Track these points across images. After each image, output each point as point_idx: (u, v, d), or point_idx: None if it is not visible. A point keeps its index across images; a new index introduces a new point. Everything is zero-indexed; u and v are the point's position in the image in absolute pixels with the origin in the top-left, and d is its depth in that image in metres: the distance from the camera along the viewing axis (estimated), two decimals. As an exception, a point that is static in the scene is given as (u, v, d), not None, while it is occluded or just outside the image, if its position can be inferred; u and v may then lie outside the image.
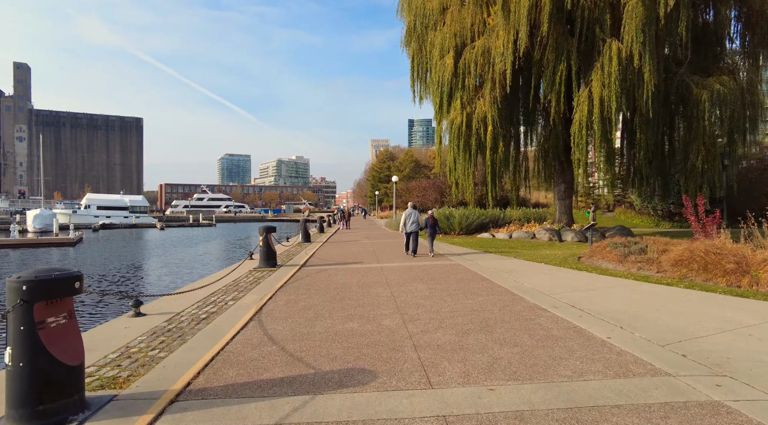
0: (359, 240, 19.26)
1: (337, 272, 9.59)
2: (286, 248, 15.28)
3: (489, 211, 23.16)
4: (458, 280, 8.32)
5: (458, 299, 6.57)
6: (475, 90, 16.57)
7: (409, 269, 9.86)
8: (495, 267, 9.94)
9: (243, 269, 10.31)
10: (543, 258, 11.52)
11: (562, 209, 20.73)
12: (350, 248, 15.30)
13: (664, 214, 28.29)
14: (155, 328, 5.29)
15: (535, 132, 19.45)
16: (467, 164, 16.86)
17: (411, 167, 67.95)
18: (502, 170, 17.27)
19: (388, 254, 13.37)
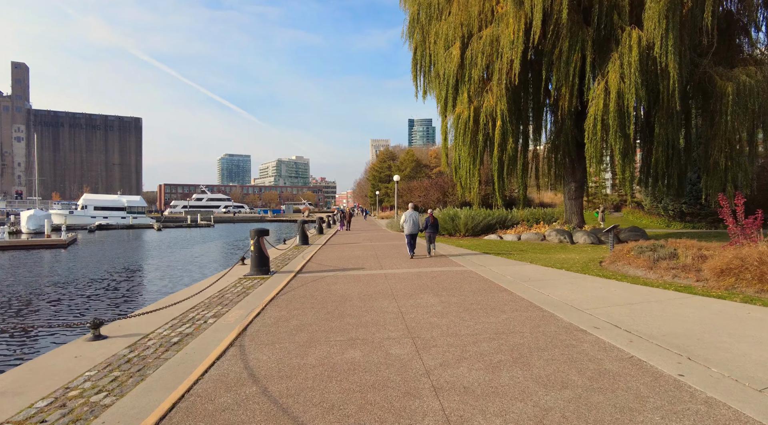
0: (360, 242, 18.28)
1: (336, 281, 8.61)
2: (282, 252, 14.31)
3: (495, 211, 22.19)
4: (474, 291, 7.33)
5: (478, 317, 5.59)
6: (482, 83, 15.58)
7: (416, 277, 8.88)
8: (511, 274, 8.96)
9: (232, 277, 9.33)
10: (561, 263, 10.54)
11: (572, 209, 19.76)
12: (351, 252, 14.33)
13: (675, 214, 27.31)
14: (112, 358, 4.31)
15: (544, 128, 18.48)
16: (473, 161, 15.86)
17: (412, 167, 66.97)
18: (511, 168, 16.26)
19: (391, 258, 12.39)
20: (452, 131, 16.23)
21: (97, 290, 15.32)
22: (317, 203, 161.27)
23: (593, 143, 13.69)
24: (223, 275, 9.17)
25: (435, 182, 40.78)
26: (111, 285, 16.24)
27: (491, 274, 9.09)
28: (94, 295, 14.40)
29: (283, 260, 12.12)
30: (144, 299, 13.29)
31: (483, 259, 11.70)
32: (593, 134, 13.58)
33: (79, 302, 13.25)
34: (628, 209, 37.44)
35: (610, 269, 9.63)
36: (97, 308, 12.45)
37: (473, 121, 15.28)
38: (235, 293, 7.62)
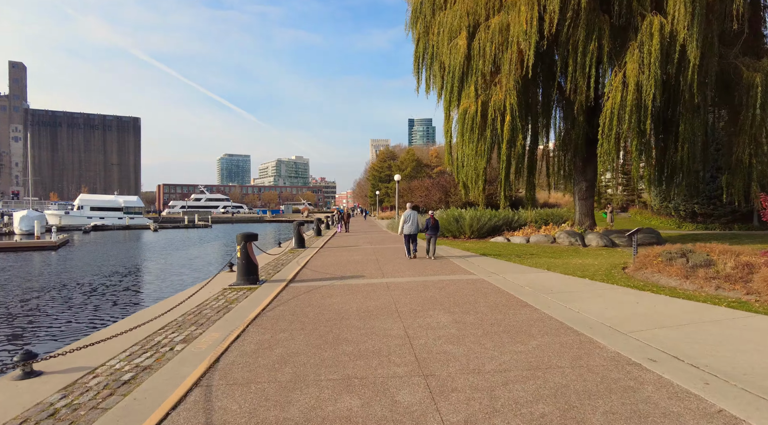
0: (359, 245, 17.29)
1: (332, 292, 7.62)
2: (275, 257, 13.31)
3: (501, 212, 21.20)
4: (491, 306, 6.34)
5: (503, 344, 4.60)
6: (490, 76, 14.59)
7: (422, 288, 7.88)
8: (529, 284, 7.97)
9: (216, 286, 8.34)
10: (581, 270, 9.56)
11: (583, 209, 18.77)
12: (349, 256, 13.34)
13: (686, 215, 26.32)
14: (33, 409, 3.32)
15: (553, 125, 17.47)
16: (480, 159, 14.85)
17: (412, 166, 66.04)
18: (520, 167, 15.27)
19: (393, 263, 11.40)
20: (457, 126, 15.23)
21: (69, 300, 14.11)
22: (317, 203, 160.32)
23: (608, 139, 12.70)
24: (206, 285, 8.18)
25: (437, 182, 39.79)
26: (89, 293, 15.17)
27: (507, 284, 8.10)
28: (62, 307, 13.31)
29: (276, 267, 11.12)
30: (119, 313, 12.18)
31: (493, 264, 10.71)
32: (609, 129, 12.59)
33: (39, 317, 11.62)
34: (635, 209, 36.46)
35: (637, 277, 8.64)
36: (56, 325, 10.94)
37: (480, 116, 14.28)
38: (215, 308, 6.63)
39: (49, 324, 11.02)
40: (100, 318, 11.52)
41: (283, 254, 13.93)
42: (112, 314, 11.98)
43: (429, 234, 12.39)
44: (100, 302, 13.64)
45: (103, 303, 13.53)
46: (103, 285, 16.72)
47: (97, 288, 16.10)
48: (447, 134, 17.66)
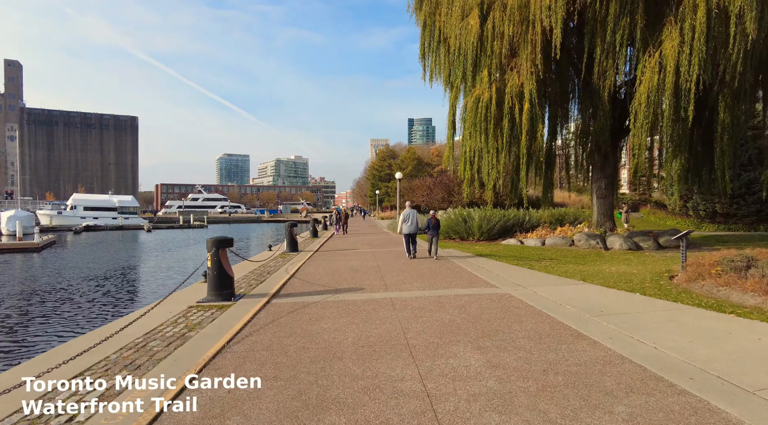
0: (358, 249, 15.70)
1: (324, 313, 6.03)
2: (262, 262, 11.70)
3: (511, 212, 19.61)
4: (533, 337, 4.75)
5: (576, 414, 2.99)
6: (506, 59, 12.99)
7: (436, 306, 6.29)
8: (568, 301, 6.37)
9: (181, 303, 6.75)
10: (620, 281, 7.98)
11: (601, 209, 17.22)
12: (347, 262, 11.75)
13: (706, 214, 24.73)
14: None
15: (571, 116, 15.89)
16: (497, 152, 13.25)
17: (413, 165, 64.45)
18: (540, 161, 13.68)
19: (397, 271, 9.80)
20: (467, 117, 13.59)
21: (17, 315, 12.41)
22: (316, 203, 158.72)
23: (643, 128, 11.11)
24: (171, 296, 6.58)
25: (439, 181, 38.19)
26: (46, 306, 13.50)
27: (540, 300, 6.51)
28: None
29: (260, 276, 9.52)
30: (66, 332, 10.44)
31: (515, 273, 9.11)
32: (644, 117, 10.99)
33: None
34: (646, 209, 34.88)
35: (696, 291, 7.06)
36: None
37: (496, 104, 12.69)
38: (168, 337, 5.04)
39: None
40: (26, 346, 9.47)
41: (272, 260, 12.33)
42: (50, 337, 10.15)
43: (431, 234, 12.11)
44: (51, 317, 11.91)
45: (53, 320, 11.79)
46: (73, 294, 15.10)
47: (64, 297, 14.48)
48: (450, 127, 16.07)
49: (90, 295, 14.85)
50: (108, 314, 12.15)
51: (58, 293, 15.25)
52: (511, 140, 12.92)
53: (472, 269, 9.93)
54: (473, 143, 13.59)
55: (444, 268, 10.18)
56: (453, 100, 15.41)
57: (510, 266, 10.36)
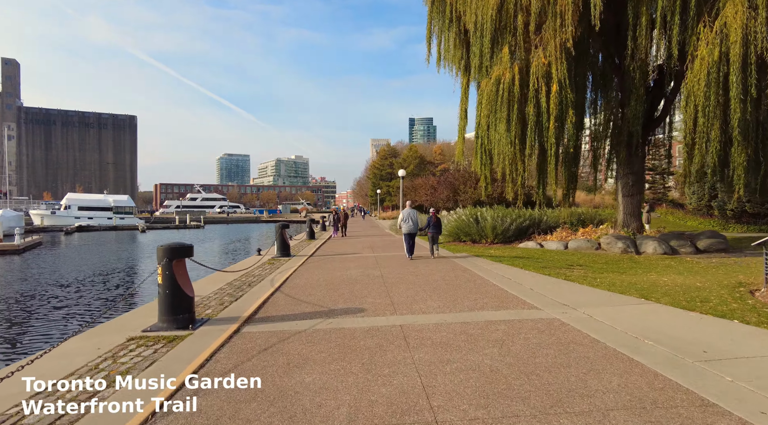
0: (359, 253, 13.98)
1: (309, 355, 4.29)
2: (246, 271, 9.95)
3: (527, 212, 17.85)
4: (630, 405, 3.00)
5: None
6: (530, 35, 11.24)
7: (467, 342, 4.54)
8: (642, 332, 4.64)
9: (122, 331, 5.03)
10: (686, 297, 6.27)
11: (628, 209, 15.50)
12: (345, 270, 10.02)
13: (734, 214, 22.95)
14: None
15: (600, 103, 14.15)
16: (521, 143, 11.48)
17: (415, 164, 62.74)
18: (570, 153, 11.93)
19: (406, 283, 8.06)
20: (486, 102, 11.82)
21: None
22: (316, 203, 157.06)
23: (704, 112, 9.32)
24: (94, 327, 4.85)
25: (444, 179, 36.43)
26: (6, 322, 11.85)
27: (606, 331, 4.77)
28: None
29: (238, 289, 7.79)
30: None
31: (551, 286, 7.37)
32: (705, 98, 9.21)
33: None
34: (662, 208, 33.05)
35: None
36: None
37: (519, 86, 10.94)
38: (68, 399, 3.30)
39: None
40: None
41: (258, 267, 10.59)
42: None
43: (431, 233, 11.78)
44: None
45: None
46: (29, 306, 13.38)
47: (13, 311, 12.75)
48: (463, 117, 14.33)
49: (45, 309, 13.05)
50: (49, 336, 10.38)
51: (13, 304, 13.53)
52: (536, 128, 11.15)
53: (495, 280, 8.20)
54: (492, 133, 11.84)
55: (461, 278, 8.45)
56: (465, 86, 13.69)
57: (540, 276, 8.62)
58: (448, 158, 73.14)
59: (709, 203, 24.77)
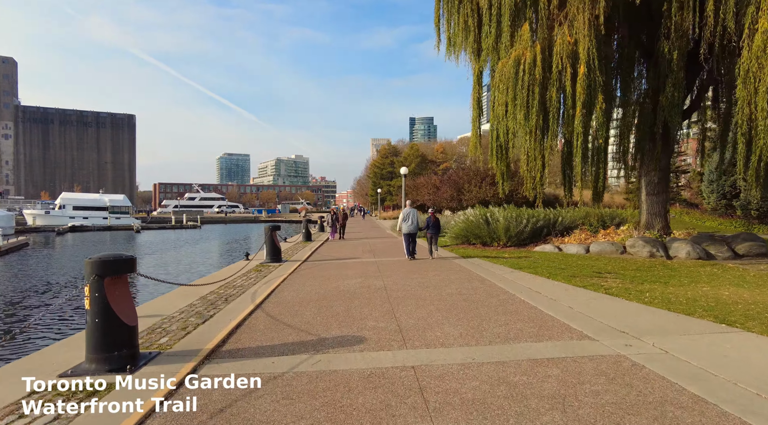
0: (358, 257, 12.61)
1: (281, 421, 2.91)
2: (226, 281, 8.56)
3: (540, 211, 16.45)
4: None
5: None
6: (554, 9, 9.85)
7: (512, 400, 3.16)
8: (749, 380, 3.27)
9: (23, 381, 3.64)
10: (756, 319, 4.88)
11: (653, 208, 14.17)
12: (341, 280, 8.65)
13: (759, 214, 21.55)
14: None
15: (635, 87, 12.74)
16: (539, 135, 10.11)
17: (417, 162, 61.37)
18: (600, 145, 10.55)
19: (415, 298, 6.69)
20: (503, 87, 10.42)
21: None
22: (316, 203, 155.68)
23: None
24: None
25: (448, 178, 35.08)
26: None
27: (704, 380, 3.39)
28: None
29: (210, 306, 6.40)
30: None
31: (594, 304, 5.98)
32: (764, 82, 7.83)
33: None
34: (677, 208, 31.64)
35: None
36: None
37: (542, 67, 9.55)
38: None
39: None
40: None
41: (242, 276, 9.21)
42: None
43: (430, 233, 11.54)
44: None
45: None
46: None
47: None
48: (475, 106, 12.95)
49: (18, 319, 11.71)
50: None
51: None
52: (559, 116, 9.76)
53: (522, 294, 6.82)
54: (509, 123, 10.45)
55: (481, 291, 7.08)
56: (478, 73, 12.31)
57: (572, 288, 7.25)
58: (450, 157, 71.74)
59: (730, 202, 23.39)
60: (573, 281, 7.93)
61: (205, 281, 8.27)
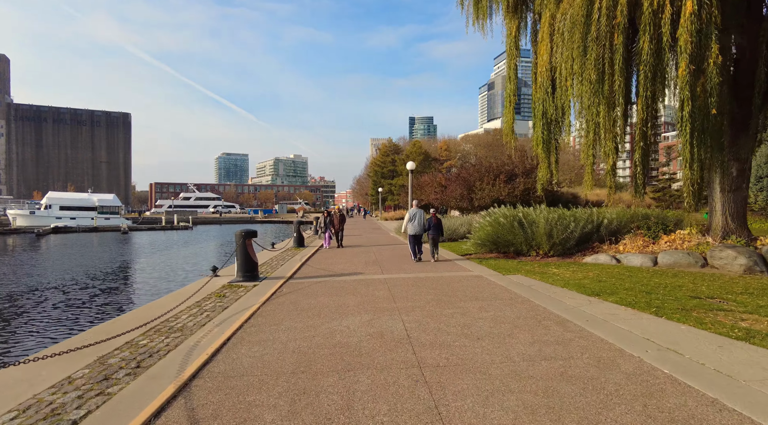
0: (360, 272, 9.66)
1: None
2: (166, 316, 5.57)
3: (581, 211, 13.47)
4: None
5: None
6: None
7: None
8: None
9: None
10: None
11: (731, 208, 11.42)
12: (337, 322, 5.72)
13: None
14: None
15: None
16: (622, 102, 7.18)
17: (419, 160, 58.35)
18: (713, 118, 7.62)
19: (464, 359, 3.77)
20: (570, 36, 7.43)
21: None
22: (314, 203, 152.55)
23: None
24: None
25: (457, 175, 32.14)
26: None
27: None
28: None
29: (92, 387, 3.45)
30: None
31: (754, 373, 3.08)
32: None
33: None
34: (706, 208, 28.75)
35: None
36: None
37: (626, 5, 6.62)
38: None
39: None
40: None
41: (193, 306, 6.24)
42: None
43: (432, 234, 11.37)
44: None
45: None
46: None
47: None
48: (512, 77, 10.03)
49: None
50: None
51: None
52: (653, 76, 6.80)
53: (660, 361, 3.88)
54: (574, 87, 7.51)
55: (579, 350, 4.14)
56: (515, 33, 9.39)
57: (693, 332, 4.32)
58: (453, 155, 68.81)
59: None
60: (689, 319, 5.03)
61: (129, 323, 5.32)
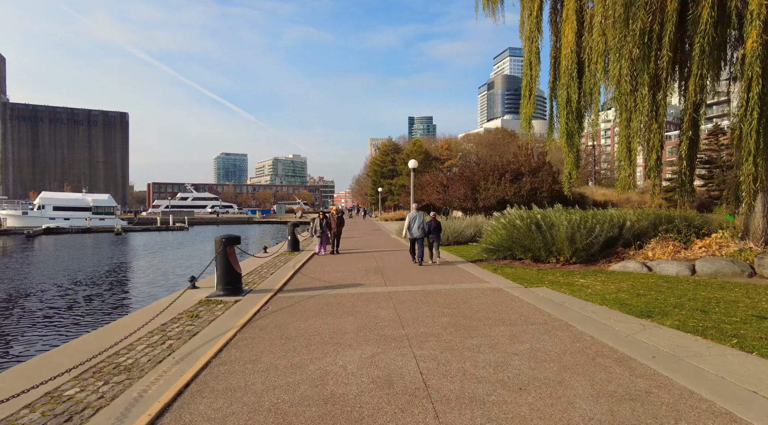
0: (360, 284, 8.48)
1: None
2: (118, 346, 4.40)
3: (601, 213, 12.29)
4: None
5: None
6: None
7: None
8: None
9: None
10: None
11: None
12: (331, 357, 4.54)
13: None
14: None
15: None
16: (668, 82, 6.00)
17: (420, 159, 57.15)
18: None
19: None
20: (612, 5, 6.24)
21: None
22: (314, 203, 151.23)
23: None
24: None
25: (461, 174, 30.97)
26: None
27: None
28: None
29: None
30: None
31: None
32: None
33: None
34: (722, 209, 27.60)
35: None
36: None
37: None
38: None
39: None
40: None
41: (156, 330, 5.05)
42: None
43: (431, 238, 11.07)
44: None
45: None
46: None
47: None
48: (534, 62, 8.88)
49: None
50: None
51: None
52: (711, 52, 5.63)
53: (732, 407, 2.71)
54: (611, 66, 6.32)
55: (663, 407, 2.97)
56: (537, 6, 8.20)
57: None
58: (454, 154, 67.62)
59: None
60: (738, 345, 3.86)
61: (70, 357, 4.13)
